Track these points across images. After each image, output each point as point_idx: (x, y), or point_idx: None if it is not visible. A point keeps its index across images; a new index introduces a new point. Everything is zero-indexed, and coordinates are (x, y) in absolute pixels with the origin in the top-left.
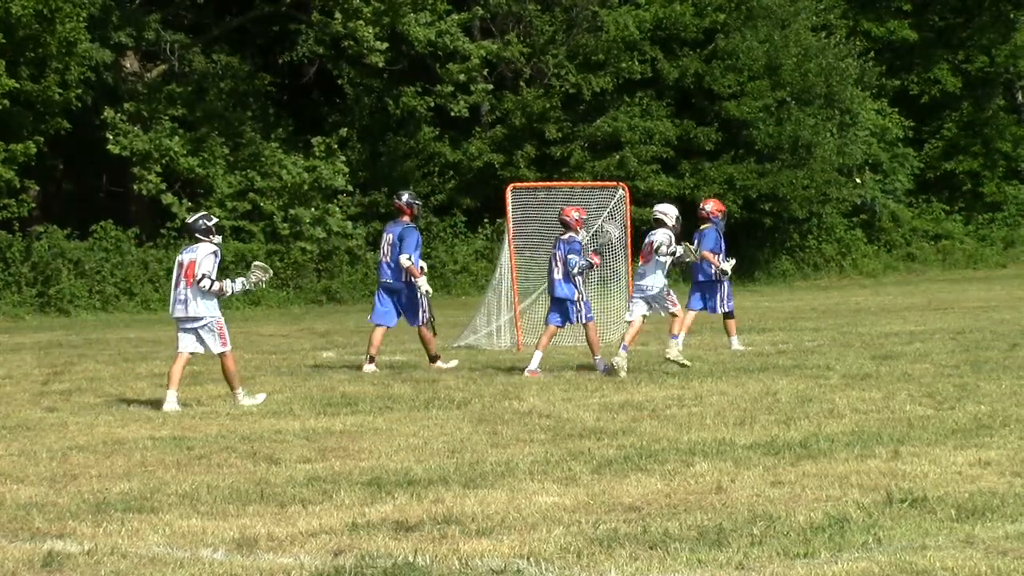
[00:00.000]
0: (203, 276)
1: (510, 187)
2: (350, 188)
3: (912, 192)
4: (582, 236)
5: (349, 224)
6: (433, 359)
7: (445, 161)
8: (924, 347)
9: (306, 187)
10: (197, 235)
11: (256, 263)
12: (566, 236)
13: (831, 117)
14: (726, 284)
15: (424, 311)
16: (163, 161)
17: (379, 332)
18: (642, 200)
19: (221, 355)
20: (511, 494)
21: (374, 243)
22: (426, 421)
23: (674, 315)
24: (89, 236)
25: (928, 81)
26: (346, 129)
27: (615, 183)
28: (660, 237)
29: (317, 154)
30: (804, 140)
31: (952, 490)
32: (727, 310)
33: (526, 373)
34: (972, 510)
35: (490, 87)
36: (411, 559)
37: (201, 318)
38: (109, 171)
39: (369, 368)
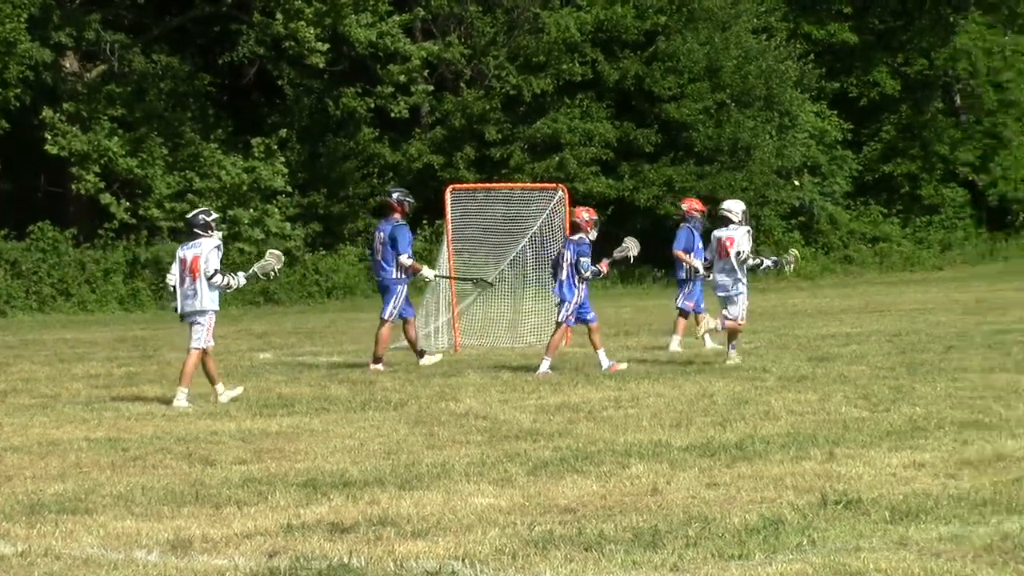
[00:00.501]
0: (215, 272)
1: (449, 188)
2: (289, 189)
3: (850, 194)
4: (593, 236)
5: (288, 225)
6: (377, 359)
7: (385, 162)
8: (860, 349)
9: (245, 188)
10: (197, 230)
11: (271, 251)
12: (576, 237)
13: (770, 119)
14: (698, 283)
15: (395, 308)
16: (102, 162)
17: (409, 327)
18: (581, 202)
19: (197, 350)
20: (447, 496)
21: (313, 244)
22: (362, 423)
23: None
24: (26, 237)
25: (867, 84)
26: (286, 130)
27: (554, 185)
28: (744, 244)
29: (256, 155)
30: (743, 142)
31: (886, 492)
32: (680, 307)
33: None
34: (906, 512)
35: (430, 88)
36: (346, 560)
37: (205, 311)
38: (47, 171)
39: (429, 360)
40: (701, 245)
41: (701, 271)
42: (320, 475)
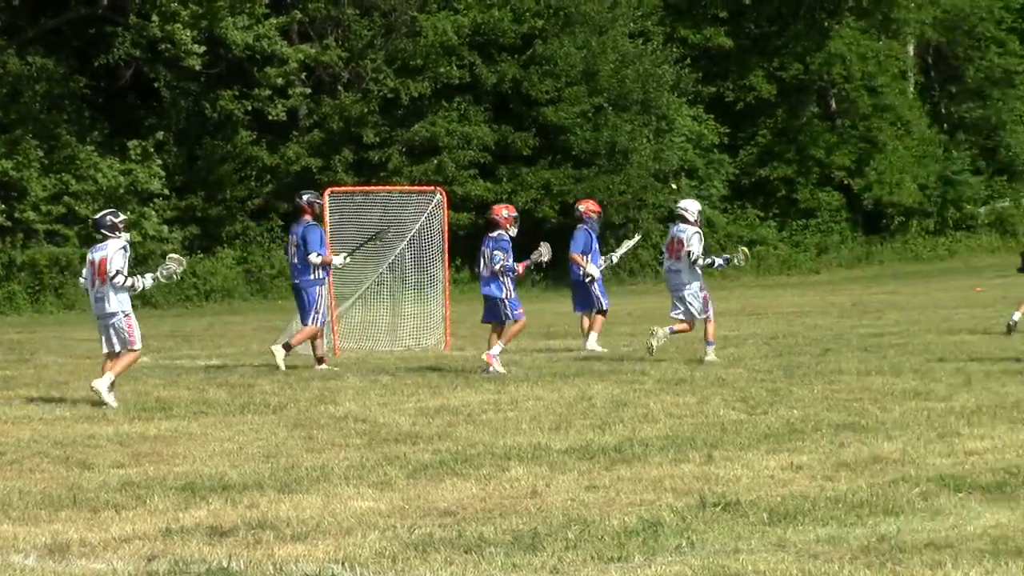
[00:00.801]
0: (116, 272)
1: (328, 191)
2: (166, 192)
3: (727, 198)
4: (513, 233)
5: (165, 228)
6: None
7: (262, 165)
8: (738, 352)
9: (122, 191)
10: (104, 231)
11: (171, 255)
12: (495, 233)
13: (647, 123)
14: (598, 284)
15: (317, 312)
16: None
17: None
18: (459, 205)
19: (128, 352)
20: (326, 499)
21: (190, 247)
22: (241, 426)
23: (708, 320)
24: None
25: (743, 88)
26: (162, 132)
27: (432, 188)
28: (695, 246)
29: (133, 157)
30: (621, 146)
31: (764, 494)
32: (604, 308)
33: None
34: (784, 514)
35: (308, 91)
36: (225, 564)
37: (115, 313)
38: None
39: (321, 368)
40: (597, 247)
41: (594, 275)
42: (199, 479)
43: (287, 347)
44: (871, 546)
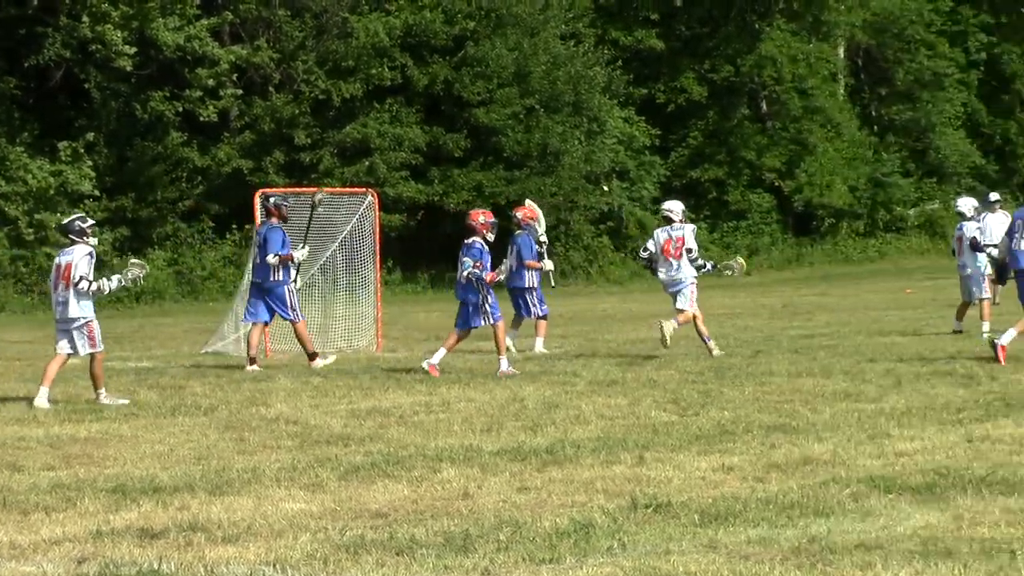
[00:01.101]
0: (80, 278)
1: (259, 193)
2: (96, 193)
3: (658, 200)
4: (490, 239)
5: (96, 229)
6: (311, 356)
7: (193, 166)
8: (669, 353)
9: (52, 192)
10: (72, 236)
11: (133, 260)
12: (469, 240)
13: (579, 125)
14: (537, 291)
15: (293, 308)
16: None
17: (255, 331)
18: (391, 207)
19: (91, 356)
20: (258, 501)
21: (121, 248)
22: (172, 428)
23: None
24: None
25: (674, 90)
26: (93, 133)
27: (364, 189)
28: (694, 243)
29: (63, 158)
30: (552, 147)
31: (696, 495)
32: (541, 314)
33: (425, 365)
34: (715, 515)
35: (239, 92)
36: (156, 566)
37: (76, 319)
38: None
39: (251, 369)
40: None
41: (550, 272)
42: (129, 481)
43: (312, 356)
44: (802, 547)
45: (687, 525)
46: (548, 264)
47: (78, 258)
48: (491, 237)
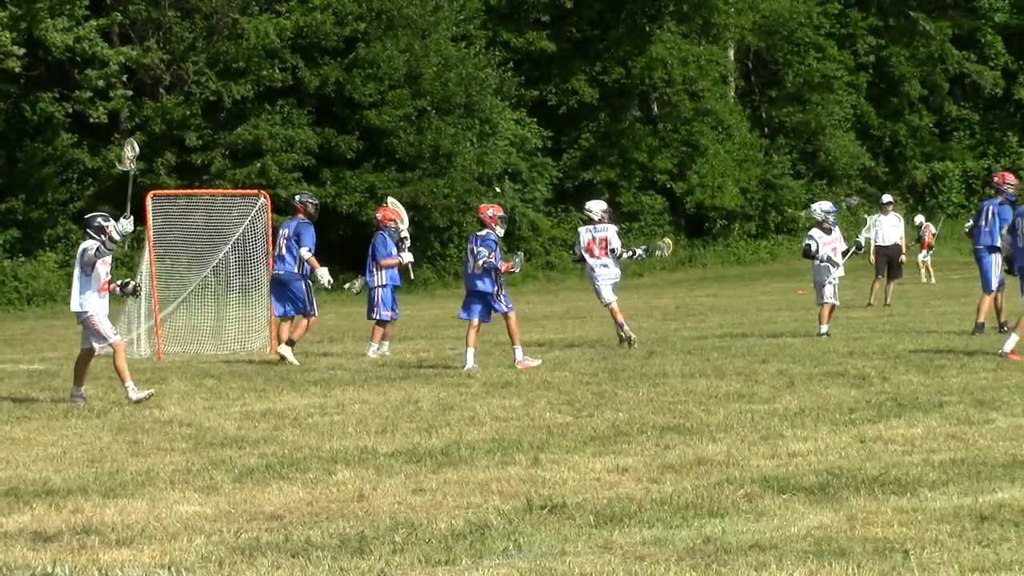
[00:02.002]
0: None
1: (150, 195)
2: None
3: (551, 201)
4: (500, 232)
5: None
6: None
7: (84, 168)
8: (563, 355)
9: None
10: (89, 232)
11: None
12: (483, 232)
13: (471, 126)
14: (387, 289)
15: (311, 303)
16: None
17: (284, 324)
18: (283, 208)
19: (111, 349)
20: (152, 503)
21: (11, 250)
22: (65, 431)
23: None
24: None
25: (566, 92)
26: None
27: (256, 191)
28: (617, 241)
29: None
30: (444, 149)
31: (591, 496)
32: (382, 318)
33: (465, 370)
34: (610, 516)
35: (129, 93)
36: (49, 570)
37: (78, 313)
38: None
39: (285, 351)
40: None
41: (409, 265)
42: (22, 484)
43: (291, 343)
44: (696, 547)
45: (582, 526)
46: (407, 256)
47: (79, 252)
48: (501, 231)
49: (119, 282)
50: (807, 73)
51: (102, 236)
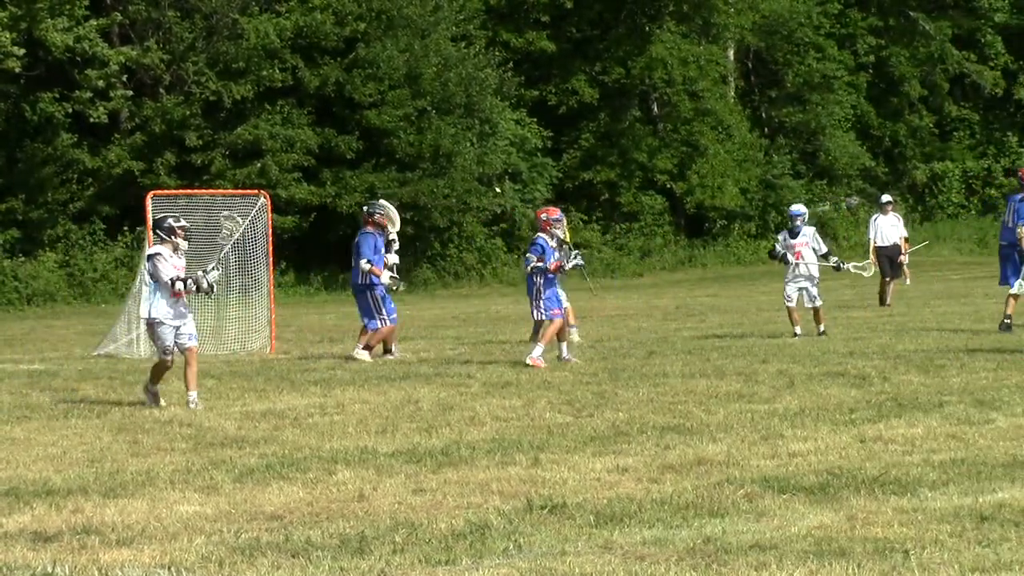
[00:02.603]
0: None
1: (150, 195)
2: None
3: (551, 201)
4: (557, 235)
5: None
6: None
7: (84, 168)
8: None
9: None
10: (159, 233)
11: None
12: (535, 235)
13: (471, 127)
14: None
15: (377, 311)
16: None
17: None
18: (283, 208)
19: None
20: (152, 503)
21: (11, 250)
22: (65, 430)
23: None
24: None
25: (566, 92)
26: None
27: (256, 191)
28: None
29: None
30: (444, 149)
31: (590, 496)
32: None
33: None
34: (610, 516)
35: (129, 93)
36: (50, 570)
37: (144, 319)
38: None
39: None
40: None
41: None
42: (22, 484)
43: (368, 348)
44: (697, 548)
45: (582, 526)
46: (392, 258)
47: (147, 257)
48: (559, 232)
49: (188, 279)
50: (807, 73)
51: (173, 238)
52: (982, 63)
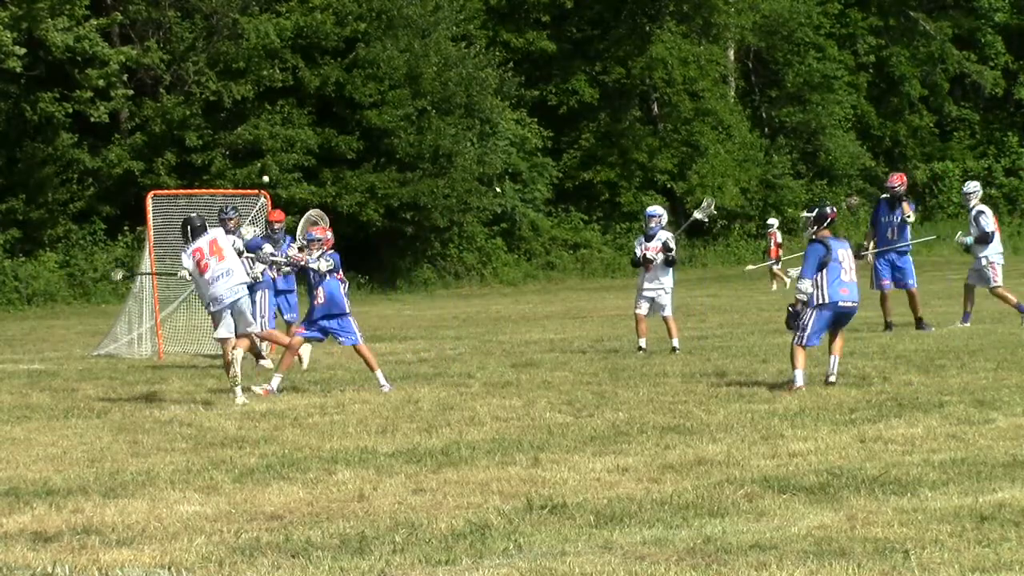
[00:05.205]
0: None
1: (151, 194)
2: None
3: (551, 201)
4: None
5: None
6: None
7: (84, 168)
8: (563, 355)
9: None
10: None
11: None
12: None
13: (471, 126)
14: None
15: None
16: None
17: None
18: (283, 208)
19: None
20: (152, 503)
21: (11, 250)
22: (65, 431)
23: None
24: None
25: (566, 92)
26: None
27: (256, 191)
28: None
29: None
30: (445, 149)
31: (591, 496)
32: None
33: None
34: (610, 516)
35: (129, 93)
36: (50, 570)
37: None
38: None
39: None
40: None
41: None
42: (22, 484)
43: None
44: (697, 547)
45: (582, 526)
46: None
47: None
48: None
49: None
50: (807, 73)
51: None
52: (982, 63)
